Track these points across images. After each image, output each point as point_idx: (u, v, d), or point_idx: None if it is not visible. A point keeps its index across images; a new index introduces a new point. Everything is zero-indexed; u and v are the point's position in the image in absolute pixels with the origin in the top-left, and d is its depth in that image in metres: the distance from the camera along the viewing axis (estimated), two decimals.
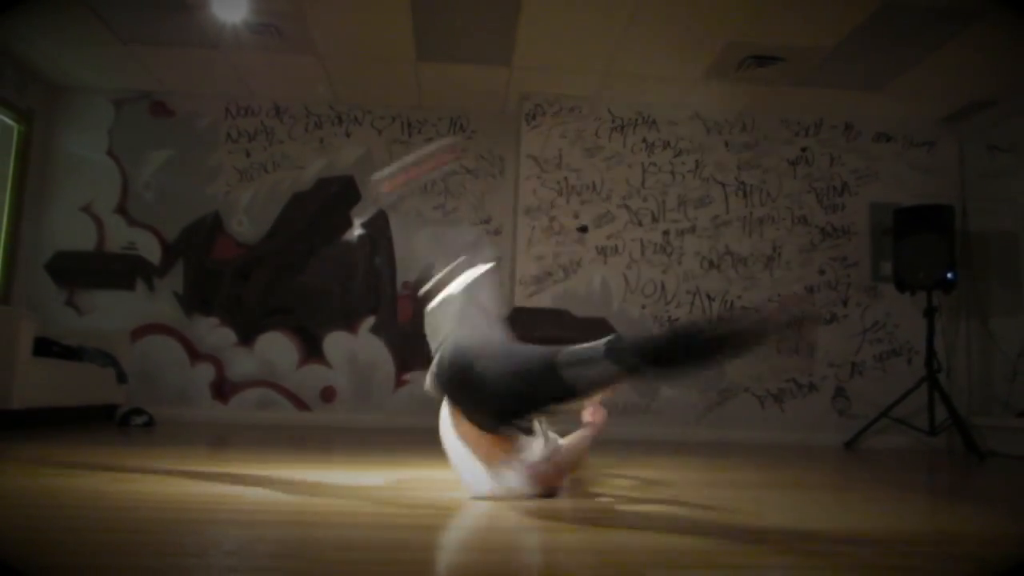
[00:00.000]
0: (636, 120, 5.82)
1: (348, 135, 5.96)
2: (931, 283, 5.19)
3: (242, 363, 5.66)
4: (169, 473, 2.61)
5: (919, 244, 5.26)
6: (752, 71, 5.18)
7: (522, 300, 5.58)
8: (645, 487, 2.80)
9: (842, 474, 3.83)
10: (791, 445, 5.34)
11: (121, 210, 5.79)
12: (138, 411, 4.98)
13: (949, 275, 5.13)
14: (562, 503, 2.28)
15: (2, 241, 5.47)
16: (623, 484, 2.84)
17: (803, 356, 5.62)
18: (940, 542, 2.00)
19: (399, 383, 5.67)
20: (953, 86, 5.31)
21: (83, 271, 5.71)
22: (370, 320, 5.74)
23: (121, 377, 5.18)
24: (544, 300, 5.59)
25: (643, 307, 5.66)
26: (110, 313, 5.64)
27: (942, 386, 5.16)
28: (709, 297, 5.69)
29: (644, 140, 5.82)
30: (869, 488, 3.25)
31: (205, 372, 5.64)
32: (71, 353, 4.82)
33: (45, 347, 4.58)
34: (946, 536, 2.11)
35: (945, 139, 5.93)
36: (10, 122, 5.51)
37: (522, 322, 5.40)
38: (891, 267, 5.47)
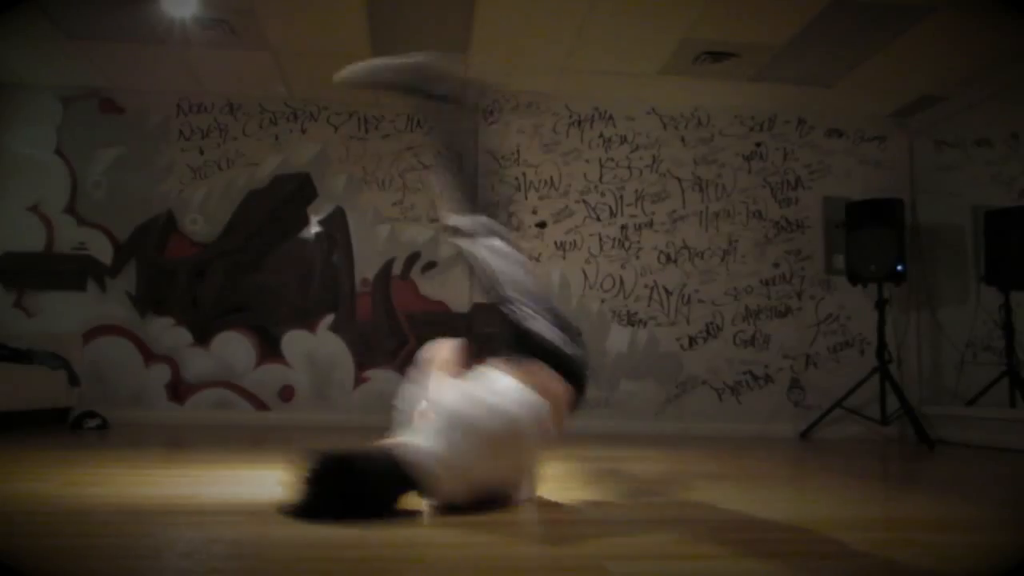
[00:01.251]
0: (593, 115, 5.86)
1: (304, 131, 5.89)
2: (882, 275, 5.30)
3: (198, 363, 5.57)
4: (123, 476, 2.57)
5: (870, 237, 5.37)
6: (707, 66, 5.24)
7: (481, 296, 5.57)
8: (603, 480, 2.82)
9: (796, 464, 3.90)
10: (748, 436, 5.42)
11: (70, 210, 5.66)
12: (91, 414, 4.87)
13: (899, 267, 5.25)
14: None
15: None
16: (581, 478, 2.86)
17: None
18: (889, 527, 2.05)
19: (359, 381, 5.63)
20: (903, 82, 5.43)
21: (32, 272, 5.57)
22: (329, 318, 5.70)
23: (73, 380, 5.07)
24: None
25: (602, 301, 5.70)
26: (61, 315, 5.52)
27: (893, 376, 5.29)
28: (667, 291, 5.75)
29: (601, 135, 5.86)
30: (822, 477, 3.31)
31: (160, 373, 5.54)
32: (20, 356, 4.71)
33: None
34: (895, 522, 2.17)
35: (895, 134, 6.06)
36: None
37: (481, 319, 5.41)
38: (843, 260, 5.58)
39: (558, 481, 2.66)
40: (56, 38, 4.99)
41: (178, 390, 5.53)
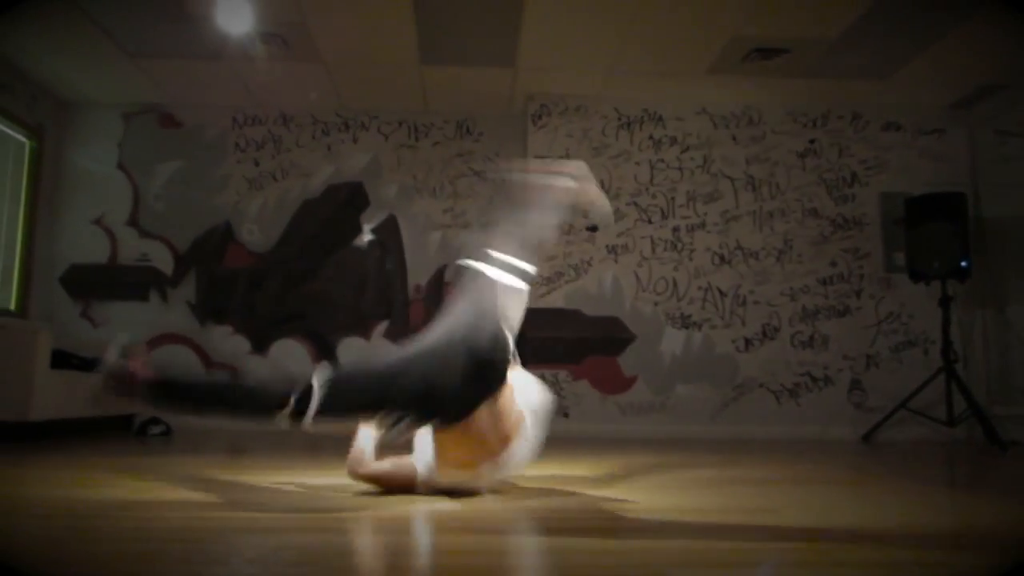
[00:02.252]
0: (642, 117, 5.82)
1: (355, 141, 5.97)
2: (945, 272, 5.15)
3: (257, 370, 5.68)
4: (187, 482, 2.63)
5: (932, 233, 5.23)
6: (757, 64, 5.17)
7: (533, 301, 5.56)
8: (661, 487, 2.79)
9: (860, 468, 3.80)
10: (807, 439, 5.32)
11: (133, 222, 5.83)
12: (155, 420, 5.00)
13: (963, 263, 5.09)
14: (577, 505, 2.28)
15: (18, 256, 5.52)
16: (639, 484, 2.84)
17: None
18: (961, 535, 1.99)
19: None
20: (961, 72, 5.28)
21: (97, 283, 5.76)
22: (383, 325, 5.76)
23: None
24: (556, 301, 5.59)
25: (655, 304, 5.65)
26: (125, 324, 5.68)
27: (960, 376, 5.13)
28: (721, 292, 5.67)
29: (651, 137, 5.81)
30: (888, 482, 3.23)
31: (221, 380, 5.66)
32: (87, 364, 4.85)
33: (62, 359, 4.61)
34: (968, 529, 2.10)
35: (954, 126, 5.89)
36: (22, 138, 5.56)
37: (534, 324, 5.40)
38: (904, 257, 5.43)
39: (614, 487, 2.65)
40: (117, 57, 5.15)
41: None
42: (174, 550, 1.62)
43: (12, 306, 5.44)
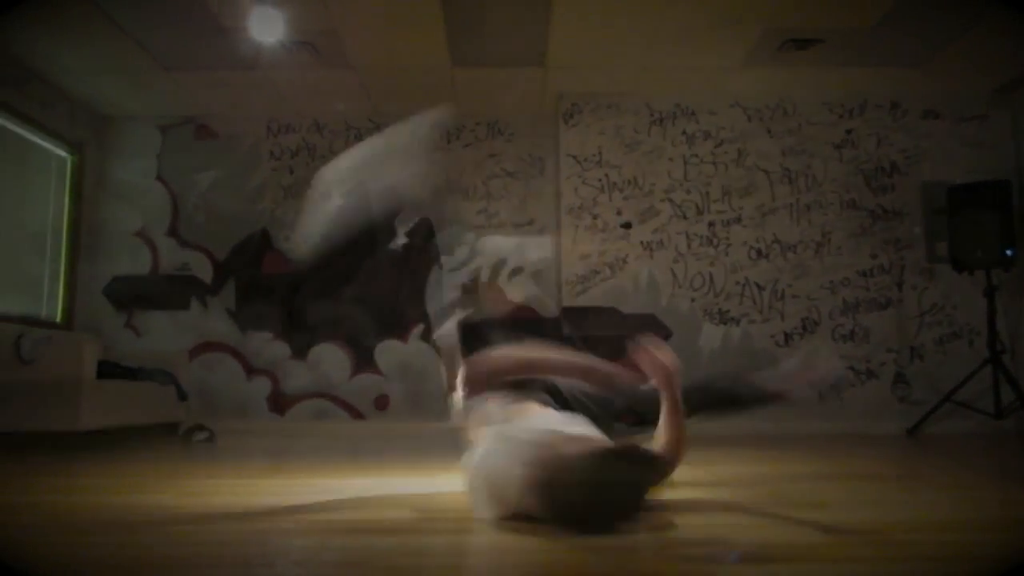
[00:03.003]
0: (675, 112, 5.78)
1: None
2: (989, 261, 5.04)
3: (297, 375, 5.75)
4: (232, 487, 2.66)
5: (975, 222, 5.12)
6: (792, 54, 5.10)
7: (570, 300, 5.57)
8: (709, 485, 2.77)
9: (906, 463, 3.74)
10: (851, 434, 5.23)
11: (173, 232, 5.94)
12: (200, 427, 5.08)
13: (1008, 252, 4.98)
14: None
15: (63, 269, 5.65)
16: (684, 480, 2.82)
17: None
18: (1010, 528, 1.94)
19: (451, 388, 5.68)
20: (1002, 56, 5.16)
21: (139, 294, 5.87)
22: (419, 328, 5.79)
23: (181, 395, 5.29)
24: (592, 298, 5.57)
25: (692, 300, 5.60)
26: (167, 333, 5.79)
27: (1007, 367, 5.01)
28: (759, 287, 5.61)
29: (684, 132, 5.77)
30: (937, 476, 3.17)
31: (261, 386, 5.74)
32: (132, 373, 4.94)
33: (107, 369, 4.71)
34: (1017, 522, 2.05)
35: (997, 112, 5.76)
36: (63, 154, 5.69)
37: (572, 322, 5.39)
38: (947, 247, 5.32)
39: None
40: (154, 71, 5.25)
41: (278, 402, 5.72)
42: (223, 553, 1.65)
43: (58, 318, 5.57)
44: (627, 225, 5.65)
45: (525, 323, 5.64)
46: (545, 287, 5.70)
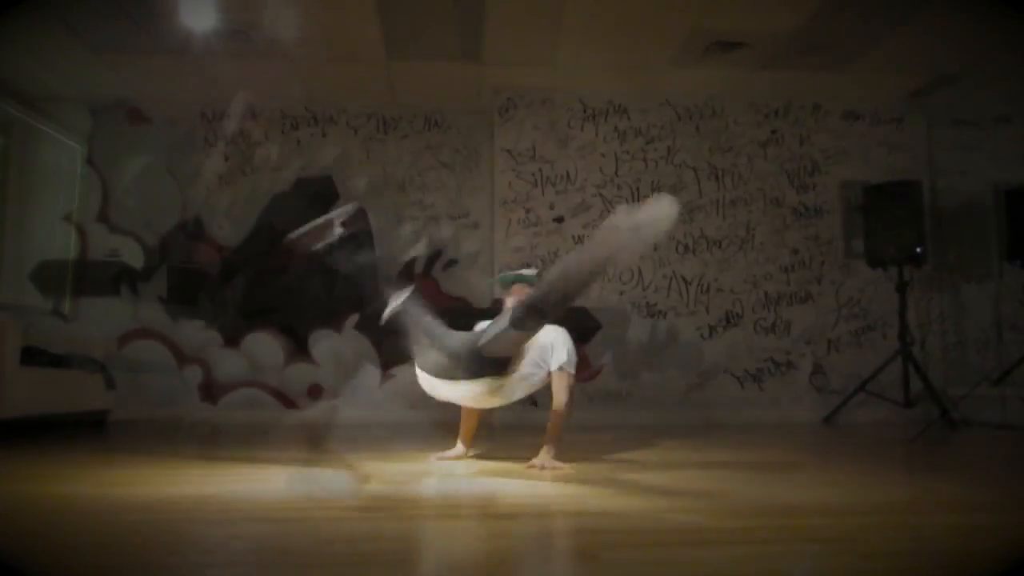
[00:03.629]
0: (607, 109, 5.90)
1: (324, 135, 6.02)
2: (902, 258, 5.29)
3: (229, 364, 5.74)
4: (156, 476, 2.70)
5: (889, 220, 5.36)
6: (718, 56, 5.26)
7: (501, 292, 5.65)
8: (632, 470, 2.89)
9: (819, 450, 3.93)
10: (771, 423, 5.45)
11: (103, 218, 5.85)
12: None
13: (918, 249, 5.23)
14: (548, 488, 2.37)
15: None
16: (608, 468, 2.94)
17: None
18: (909, 511, 2.10)
19: (385, 378, 5.75)
20: (918, 62, 5.39)
21: (67, 279, 5.77)
22: (354, 317, 5.82)
23: (109, 383, 5.24)
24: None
25: (621, 294, 5.75)
26: (96, 320, 5.70)
27: (916, 358, 5.28)
28: (685, 281, 5.79)
29: (616, 128, 5.90)
30: (846, 462, 3.35)
31: (193, 374, 5.71)
32: (58, 361, 4.87)
33: (32, 356, 4.63)
34: (917, 504, 2.22)
35: (912, 115, 6.02)
36: None
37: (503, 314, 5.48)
38: (863, 244, 5.57)
39: (585, 471, 2.74)
40: (83, 53, 5.15)
41: (210, 390, 5.70)
42: (134, 541, 1.70)
43: None
44: (560, 219, 5.76)
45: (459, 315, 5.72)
46: (478, 279, 5.78)
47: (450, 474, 2.82)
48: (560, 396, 2.90)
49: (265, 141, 5.98)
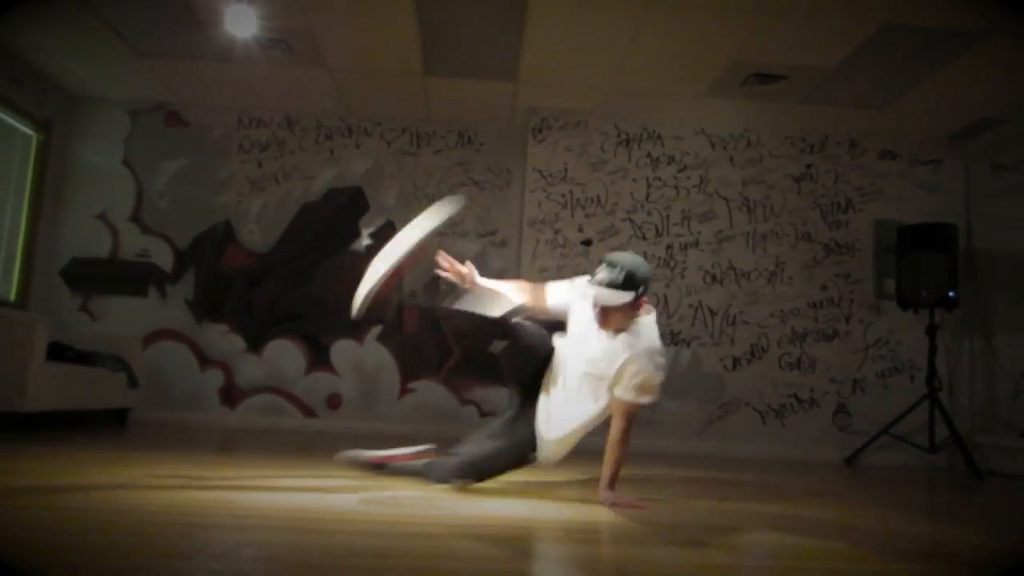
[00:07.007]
0: (641, 135, 5.89)
1: (358, 146, 6.06)
2: (933, 301, 5.21)
3: (250, 369, 5.76)
4: (171, 478, 2.70)
5: (922, 262, 5.29)
6: (756, 88, 5.24)
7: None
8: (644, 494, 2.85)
9: (840, 490, 3.86)
10: (791, 460, 5.37)
11: (135, 218, 5.92)
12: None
13: (951, 293, 5.15)
14: (549, 516, 2.34)
15: (20, 248, 5.61)
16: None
17: None
18: (931, 558, 2.05)
19: (403, 391, 5.74)
20: (959, 105, 5.34)
21: (97, 277, 5.84)
22: (377, 329, 5.83)
23: (132, 382, 5.28)
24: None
25: None
26: (123, 319, 5.76)
27: (943, 404, 5.18)
28: (711, 311, 5.73)
29: (649, 155, 5.88)
30: (866, 505, 3.28)
31: (214, 378, 5.74)
32: (84, 358, 4.93)
33: (59, 351, 4.70)
34: (936, 553, 2.16)
35: (951, 157, 5.95)
36: (29, 131, 5.65)
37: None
38: (894, 284, 5.49)
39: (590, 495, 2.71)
40: (126, 56, 5.24)
41: (230, 395, 5.73)
42: (146, 543, 1.69)
43: (12, 297, 5.53)
44: (587, 242, 5.75)
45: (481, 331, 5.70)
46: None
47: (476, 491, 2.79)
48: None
49: (299, 149, 6.03)
